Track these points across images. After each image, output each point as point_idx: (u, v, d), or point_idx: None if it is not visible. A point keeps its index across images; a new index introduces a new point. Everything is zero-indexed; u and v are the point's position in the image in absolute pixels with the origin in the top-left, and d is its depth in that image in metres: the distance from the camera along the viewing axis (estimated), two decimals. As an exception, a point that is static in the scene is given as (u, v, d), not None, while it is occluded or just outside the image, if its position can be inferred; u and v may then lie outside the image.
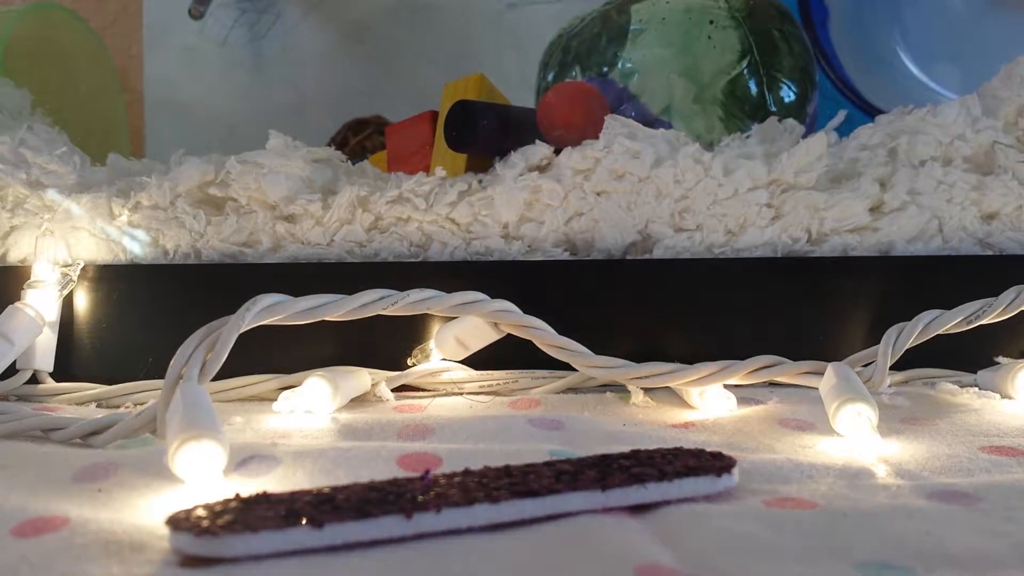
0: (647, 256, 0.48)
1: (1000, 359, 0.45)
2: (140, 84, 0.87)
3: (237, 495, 0.25)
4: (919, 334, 0.42)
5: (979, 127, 0.50)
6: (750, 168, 0.47)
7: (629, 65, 0.59)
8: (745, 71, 0.59)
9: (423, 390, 0.45)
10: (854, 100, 0.75)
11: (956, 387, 0.44)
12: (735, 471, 0.28)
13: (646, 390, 0.43)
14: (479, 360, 0.45)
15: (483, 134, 0.50)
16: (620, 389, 0.44)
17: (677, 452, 0.30)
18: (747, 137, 0.51)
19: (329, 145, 0.67)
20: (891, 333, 0.42)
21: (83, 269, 0.47)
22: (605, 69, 0.60)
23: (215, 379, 0.36)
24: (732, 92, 0.58)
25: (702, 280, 0.47)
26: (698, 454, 0.29)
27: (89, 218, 0.48)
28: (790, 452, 0.33)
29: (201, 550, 0.22)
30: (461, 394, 0.45)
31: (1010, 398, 0.42)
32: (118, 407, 0.44)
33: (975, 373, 0.45)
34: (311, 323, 0.38)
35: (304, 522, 0.23)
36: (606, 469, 0.28)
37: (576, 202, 0.48)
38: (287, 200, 0.48)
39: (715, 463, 0.28)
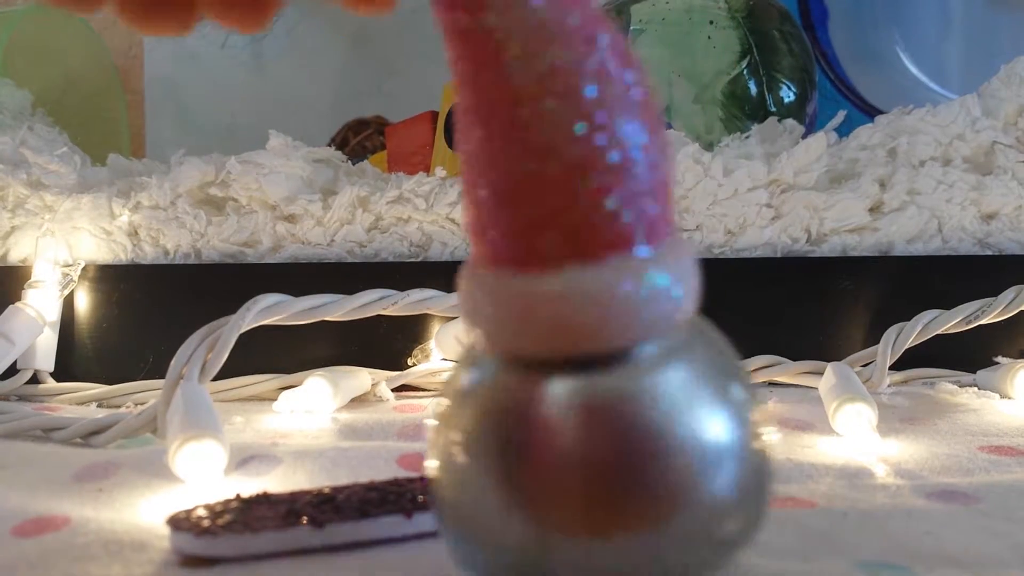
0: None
1: (999, 359, 0.45)
2: (140, 84, 0.87)
3: (237, 495, 0.25)
4: (919, 334, 0.42)
5: (979, 127, 0.50)
6: (750, 168, 0.47)
7: (629, 65, 0.59)
8: (745, 71, 0.59)
9: (423, 390, 0.45)
10: (854, 100, 0.75)
11: (955, 387, 0.44)
12: None
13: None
14: (479, 360, 0.44)
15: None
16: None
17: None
18: (747, 137, 0.51)
19: (329, 145, 0.67)
20: (891, 333, 0.42)
21: (84, 269, 0.47)
22: (605, 69, 0.60)
23: (216, 379, 0.36)
24: (732, 92, 0.59)
25: (701, 280, 0.46)
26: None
27: (89, 218, 0.48)
28: (790, 452, 0.33)
29: (201, 550, 0.23)
30: (461, 394, 0.45)
31: (1009, 398, 0.42)
32: (119, 407, 0.44)
33: (974, 373, 0.45)
34: (311, 323, 0.38)
35: (304, 522, 0.23)
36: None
37: (576, 202, 0.48)
38: (287, 200, 0.48)
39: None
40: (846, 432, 0.35)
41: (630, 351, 0.17)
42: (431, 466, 0.18)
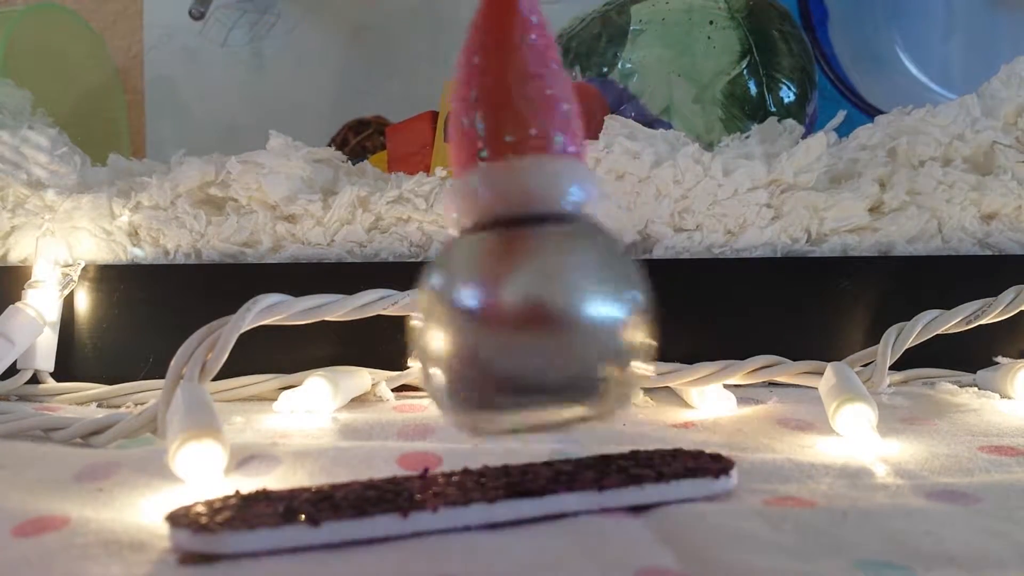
0: (647, 256, 0.48)
1: (999, 359, 0.45)
2: (140, 84, 0.87)
3: (237, 491, 0.25)
4: (919, 334, 0.42)
5: (978, 127, 0.50)
6: (750, 168, 0.47)
7: (629, 65, 0.60)
8: (745, 71, 0.59)
9: (423, 390, 0.45)
10: (854, 100, 0.75)
11: (955, 387, 0.44)
12: (734, 473, 0.28)
13: (646, 390, 0.43)
14: (479, 360, 0.44)
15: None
16: (620, 389, 0.44)
17: (676, 453, 0.30)
18: (747, 137, 0.51)
19: (329, 145, 0.67)
20: (891, 333, 0.42)
21: (84, 269, 0.47)
22: (605, 69, 0.60)
23: (216, 379, 0.36)
24: (732, 92, 0.59)
25: (702, 280, 0.47)
26: (697, 456, 0.29)
27: (89, 218, 0.48)
28: (790, 452, 0.34)
29: (199, 546, 0.23)
30: (461, 394, 0.45)
31: (1009, 398, 0.42)
32: (119, 407, 0.44)
33: (975, 373, 0.45)
34: (311, 323, 0.38)
35: (302, 520, 0.23)
36: (604, 470, 0.28)
37: (576, 202, 0.48)
38: (287, 200, 0.48)
39: (713, 465, 0.28)
40: (846, 432, 0.35)
41: (548, 218, 0.24)
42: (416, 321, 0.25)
